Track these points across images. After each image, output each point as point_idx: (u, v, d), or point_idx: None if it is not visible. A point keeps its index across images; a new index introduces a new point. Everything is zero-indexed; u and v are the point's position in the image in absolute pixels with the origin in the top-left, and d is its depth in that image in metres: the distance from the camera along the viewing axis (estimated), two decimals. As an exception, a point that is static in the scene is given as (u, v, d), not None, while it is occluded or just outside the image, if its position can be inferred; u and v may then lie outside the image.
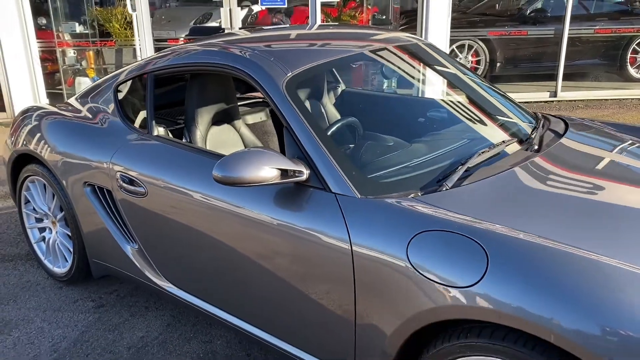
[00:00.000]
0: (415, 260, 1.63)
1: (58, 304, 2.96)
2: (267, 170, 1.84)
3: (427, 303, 1.59)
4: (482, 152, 2.07)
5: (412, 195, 1.84)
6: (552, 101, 7.19)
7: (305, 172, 1.90)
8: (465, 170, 1.96)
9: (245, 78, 2.22)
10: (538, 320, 1.40)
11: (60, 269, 3.10)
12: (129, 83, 2.88)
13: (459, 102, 2.68)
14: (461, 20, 7.79)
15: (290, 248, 1.92)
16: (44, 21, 6.98)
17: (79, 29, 7.01)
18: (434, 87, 2.89)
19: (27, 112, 3.19)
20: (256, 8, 9.72)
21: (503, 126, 2.47)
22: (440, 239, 1.61)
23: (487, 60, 7.51)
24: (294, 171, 1.89)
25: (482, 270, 1.51)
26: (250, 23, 9.41)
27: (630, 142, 2.47)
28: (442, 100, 2.76)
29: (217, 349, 2.55)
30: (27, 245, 3.46)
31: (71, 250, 2.96)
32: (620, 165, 2.22)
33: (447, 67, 2.80)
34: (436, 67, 2.82)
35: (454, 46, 7.41)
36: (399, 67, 2.77)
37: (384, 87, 4.67)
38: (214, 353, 2.53)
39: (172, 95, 3.16)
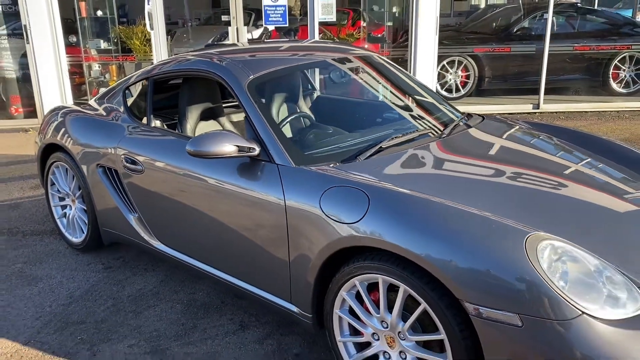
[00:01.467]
0: (324, 207, 2.24)
1: (74, 266, 3.63)
2: (228, 146, 2.48)
3: (332, 236, 2.20)
4: (395, 137, 2.69)
5: (332, 164, 2.46)
6: (535, 112, 7.73)
7: (257, 149, 2.54)
8: (379, 149, 2.58)
9: (220, 80, 2.87)
10: (404, 245, 1.98)
11: (77, 239, 3.78)
12: (136, 86, 3.57)
13: (398, 101, 3.31)
14: (452, 38, 8.42)
15: (247, 206, 2.55)
16: (74, 39, 7.81)
17: (103, 45, 7.83)
18: (382, 89, 3.52)
19: (54, 111, 3.91)
20: (270, 27, 10.50)
21: (427, 119, 3.09)
22: (340, 192, 2.23)
23: (476, 75, 8.09)
24: (248, 148, 2.53)
25: (364, 211, 2.11)
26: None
27: (540, 137, 3.06)
28: (385, 99, 3.40)
29: (198, 298, 3.19)
30: (51, 223, 4.15)
31: (86, 221, 3.64)
32: (507, 149, 2.83)
33: (395, 74, 3.44)
34: (385, 73, 3.46)
35: (444, 62, 8.03)
36: (360, 77, 3.43)
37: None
38: (195, 300, 3.16)
39: (173, 98, 3.84)
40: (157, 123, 3.29)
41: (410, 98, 3.32)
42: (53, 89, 7.31)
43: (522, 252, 1.82)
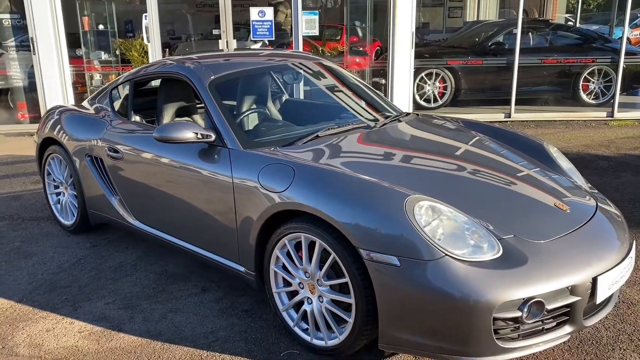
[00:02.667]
0: (262, 180, 2.74)
1: (65, 244, 4.14)
2: (188, 133, 3.00)
3: (267, 203, 2.70)
4: (332, 127, 3.20)
5: (273, 148, 2.97)
6: (507, 121, 8.22)
7: (213, 136, 3.05)
8: (316, 137, 3.09)
9: (187, 80, 3.40)
10: (317, 206, 2.47)
11: (69, 221, 4.30)
12: (121, 87, 4.10)
13: (345, 100, 3.84)
14: (432, 51, 8.96)
15: (204, 183, 3.07)
16: (81, 52, 8.40)
17: (104, 56, 8.43)
18: (332, 90, 4.05)
19: (51, 110, 4.46)
20: (266, 40, 11.11)
21: (366, 114, 3.61)
22: (274, 168, 2.74)
23: (453, 86, 8.61)
24: (206, 135, 3.04)
25: (290, 181, 2.61)
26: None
27: (459, 130, 3.57)
28: (335, 98, 3.93)
29: (169, 269, 3.68)
30: (48, 211, 4.67)
31: (77, 205, 4.15)
32: (419, 139, 3.37)
33: (345, 77, 3.97)
34: (336, 75, 4.00)
35: (422, 74, 8.56)
36: (307, 74, 3.97)
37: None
38: (166, 271, 3.65)
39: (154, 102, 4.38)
40: (137, 119, 3.81)
41: (356, 97, 3.85)
42: (57, 96, 7.88)
43: (402, 209, 2.32)
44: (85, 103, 4.40)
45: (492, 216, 2.51)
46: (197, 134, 3.02)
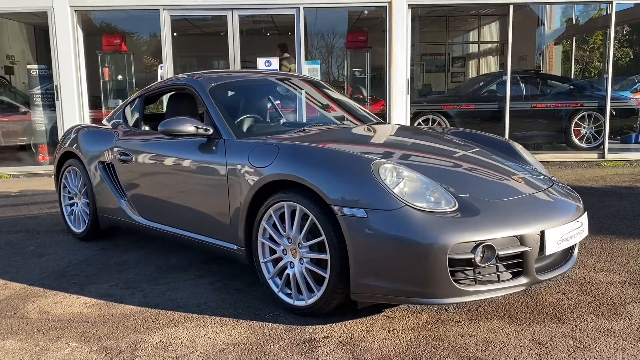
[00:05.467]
0: (251, 160, 3.11)
1: (76, 247, 4.47)
2: (188, 127, 3.40)
3: (255, 178, 3.05)
4: (317, 125, 3.61)
5: (262, 137, 3.36)
6: (501, 162, 8.56)
7: (211, 130, 3.45)
8: (302, 130, 3.49)
9: (192, 90, 3.85)
10: (297, 173, 2.82)
11: (80, 229, 4.64)
12: (134, 102, 4.57)
13: (333, 108, 4.28)
14: (432, 100, 9.49)
15: (202, 172, 3.44)
16: (117, 103, 9.02)
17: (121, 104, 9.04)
18: (322, 99, 4.49)
19: (70, 128, 4.93)
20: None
21: (346, 119, 4.06)
22: (262, 148, 3.11)
23: (449, 131, 9.05)
24: (204, 129, 3.44)
25: (275, 157, 2.97)
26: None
27: (447, 134, 3.95)
28: (323, 106, 4.37)
29: (170, 262, 3.98)
30: (61, 226, 5.03)
31: (88, 212, 4.51)
32: (401, 133, 3.77)
33: (331, 92, 4.43)
34: (322, 89, 4.46)
35: (420, 119, 9.03)
36: (297, 88, 4.44)
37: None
38: (167, 264, 3.95)
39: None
40: (146, 128, 4.25)
41: (342, 108, 4.28)
42: (76, 140, 8.42)
43: (369, 170, 2.66)
44: (104, 121, 4.87)
45: (451, 182, 2.83)
46: (197, 127, 3.42)
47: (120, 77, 9.27)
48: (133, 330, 2.86)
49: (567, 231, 2.74)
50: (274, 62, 8.50)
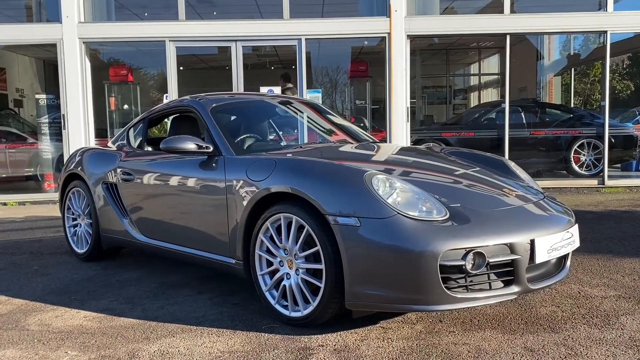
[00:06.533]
0: (249, 175, 3.19)
1: (78, 267, 4.53)
2: (189, 144, 3.51)
3: (252, 191, 3.13)
4: (310, 143, 3.71)
5: (262, 154, 3.45)
6: (501, 189, 8.63)
7: (211, 147, 3.55)
8: (299, 147, 3.59)
9: (194, 111, 3.97)
10: (293, 185, 2.90)
11: (83, 249, 4.71)
12: (138, 124, 4.69)
13: (331, 128, 4.40)
14: (432, 128, 9.62)
15: (202, 189, 3.53)
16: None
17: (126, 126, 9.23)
18: (320, 121, 4.60)
19: (75, 151, 5.05)
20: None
21: (350, 138, 4.17)
22: (260, 163, 3.20)
23: (450, 158, 9.15)
24: (205, 146, 3.54)
25: (272, 170, 3.06)
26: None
27: (442, 153, 4.04)
28: (321, 127, 4.48)
29: (170, 280, 4.03)
30: (64, 249, 5.10)
31: (91, 233, 4.59)
32: (397, 151, 3.87)
33: (328, 113, 4.55)
34: (322, 113, 4.58)
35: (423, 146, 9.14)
36: (297, 112, 4.56)
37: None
38: (167, 282, 4.00)
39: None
40: (149, 149, 4.36)
41: (339, 129, 4.39)
42: (81, 167, 8.56)
43: (362, 180, 2.74)
44: (109, 143, 4.99)
45: (443, 194, 2.91)
46: (198, 145, 3.52)
47: (126, 106, 9.48)
48: (131, 340, 2.90)
49: (557, 241, 2.80)
50: (277, 90, 8.68)
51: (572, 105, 14.23)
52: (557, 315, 3.05)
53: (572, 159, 9.15)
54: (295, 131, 4.64)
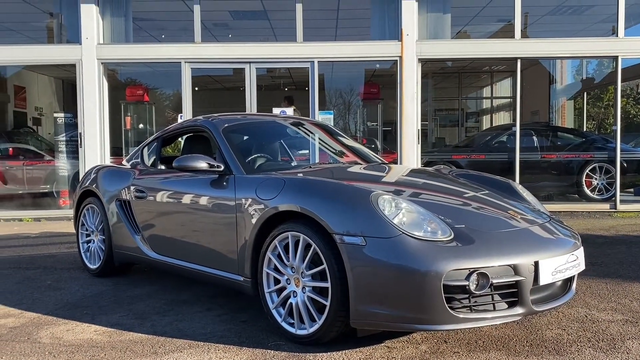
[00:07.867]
0: (259, 193, 3.27)
1: (90, 282, 4.61)
2: (201, 163, 3.60)
3: (261, 209, 3.20)
4: (320, 163, 3.79)
5: (272, 173, 3.53)
6: (512, 212, 8.61)
7: (222, 166, 3.64)
8: (309, 167, 3.67)
9: (207, 131, 4.07)
10: (300, 204, 2.97)
11: (95, 265, 4.80)
12: (152, 143, 4.80)
13: (341, 149, 4.47)
14: (443, 150, 9.67)
15: (213, 207, 3.60)
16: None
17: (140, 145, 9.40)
18: (331, 142, 4.67)
19: (90, 169, 5.17)
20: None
21: (359, 159, 4.24)
22: (269, 182, 3.27)
23: (461, 181, 9.18)
24: (217, 165, 3.63)
25: (281, 189, 3.13)
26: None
27: (451, 175, 4.09)
28: (331, 148, 4.56)
29: (181, 297, 4.09)
30: (77, 264, 5.19)
31: (104, 249, 4.67)
32: (405, 172, 3.94)
33: (337, 134, 4.63)
34: (333, 134, 4.65)
35: (432, 168, 9.18)
36: (308, 133, 4.65)
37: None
38: (178, 299, 4.06)
39: None
40: (162, 167, 4.46)
41: (349, 150, 4.46)
42: (96, 185, 8.70)
43: (368, 200, 2.80)
44: (123, 162, 5.11)
45: (449, 215, 2.95)
46: (209, 164, 3.61)
47: (141, 125, 9.66)
48: (140, 354, 2.96)
49: (561, 263, 2.82)
50: (289, 111, 8.80)
51: (585, 129, 14.21)
52: (563, 338, 3.05)
53: (584, 183, 9.12)
54: (306, 152, 4.71)
